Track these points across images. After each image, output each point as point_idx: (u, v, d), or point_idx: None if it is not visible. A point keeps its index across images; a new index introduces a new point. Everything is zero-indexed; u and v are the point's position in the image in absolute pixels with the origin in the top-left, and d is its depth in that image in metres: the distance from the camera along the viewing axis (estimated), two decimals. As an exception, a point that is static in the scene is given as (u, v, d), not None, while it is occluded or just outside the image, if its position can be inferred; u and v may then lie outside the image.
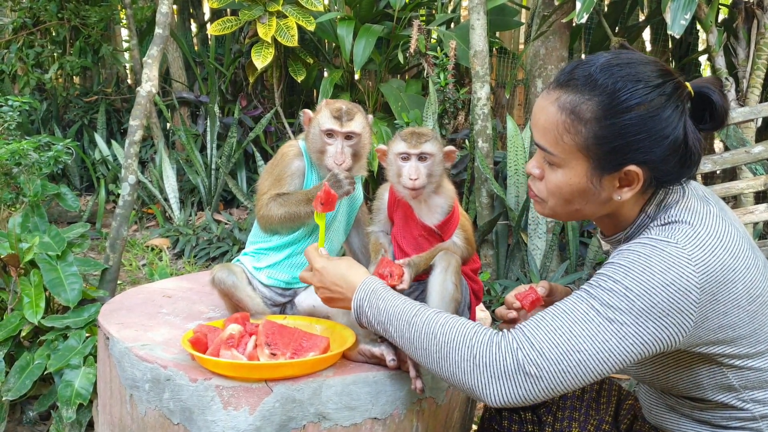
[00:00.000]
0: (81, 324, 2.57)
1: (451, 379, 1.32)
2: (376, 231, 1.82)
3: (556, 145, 1.31)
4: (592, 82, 1.27)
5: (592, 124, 1.26)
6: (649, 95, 1.24)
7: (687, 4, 3.35)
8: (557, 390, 1.25)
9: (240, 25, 5.24)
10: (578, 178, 1.32)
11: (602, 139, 1.26)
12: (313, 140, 1.83)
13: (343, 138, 1.80)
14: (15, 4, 6.35)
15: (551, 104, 1.31)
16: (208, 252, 4.72)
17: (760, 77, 3.86)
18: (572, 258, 3.84)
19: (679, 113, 1.26)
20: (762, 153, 3.26)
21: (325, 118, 1.80)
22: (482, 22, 3.98)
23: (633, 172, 1.28)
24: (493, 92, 5.69)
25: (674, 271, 1.21)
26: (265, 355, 1.52)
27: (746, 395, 1.35)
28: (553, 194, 1.37)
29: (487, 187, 3.99)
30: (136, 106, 3.15)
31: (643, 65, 1.28)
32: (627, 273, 1.23)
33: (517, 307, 1.59)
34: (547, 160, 1.35)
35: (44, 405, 2.55)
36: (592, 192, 1.33)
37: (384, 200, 1.82)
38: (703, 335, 1.27)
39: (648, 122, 1.24)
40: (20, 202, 3.21)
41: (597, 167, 1.29)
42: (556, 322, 1.26)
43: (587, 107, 1.27)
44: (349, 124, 1.79)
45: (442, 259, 1.68)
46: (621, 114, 1.25)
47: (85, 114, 6.78)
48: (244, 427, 1.48)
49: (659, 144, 1.25)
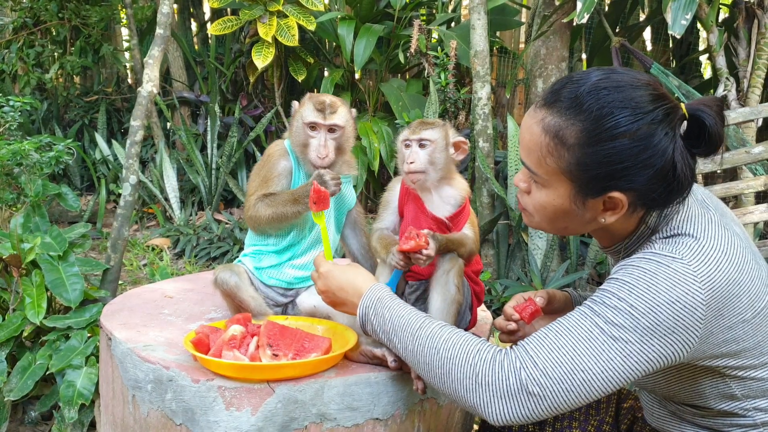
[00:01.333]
0: (83, 324, 2.58)
1: (453, 395, 1.30)
2: (381, 227, 1.78)
3: (539, 166, 1.30)
4: (578, 105, 1.23)
5: (575, 150, 1.24)
6: (636, 123, 1.20)
7: (688, 3, 3.35)
8: (561, 409, 1.24)
9: (240, 24, 5.24)
10: (561, 200, 1.30)
11: (585, 166, 1.24)
12: (297, 134, 1.82)
13: (327, 131, 1.79)
14: (15, 4, 6.35)
15: (536, 124, 1.29)
16: (208, 252, 4.72)
17: (760, 77, 3.86)
18: (573, 258, 3.84)
19: (669, 140, 1.22)
20: (762, 153, 3.27)
21: (308, 111, 1.80)
22: (483, 22, 3.98)
23: (617, 198, 1.26)
24: (494, 92, 5.69)
25: (680, 288, 1.19)
26: (267, 356, 1.52)
27: (748, 404, 1.34)
28: (538, 210, 1.36)
29: (487, 186, 4.00)
30: (137, 107, 3.16)
31: (633, 89, 1.23)
32: (631, 290, 1.21)
33: (516, 319, 1.58)
34: (532, 178, 1.34)
35: (46, 405, 2.56)
36: (575, 213, 1.31)
37: (395, 192, 1.80)
38: (708, 350, 1.26)
39: (633, 150, 1.21)
40: (21, 202, 3.22)
41: (580, 191, 1.28)
42: (559, 340, 1.24)
43: (571, 132, 1.24)
44: (332, 116, 1.79)
45: (445, 261, 1.68)
46: (604, 142, 1.21)
47: (85, 114, 6.78)
48: (246, 427, 1.48)
49: (644, 173, 1.22)
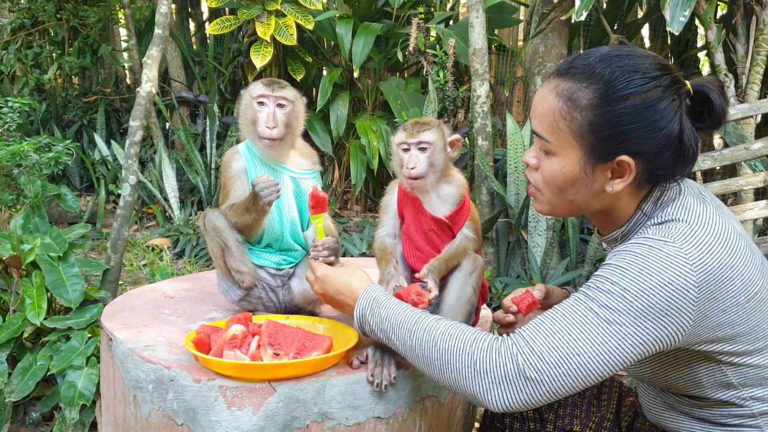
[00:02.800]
0: (83, 325, 2.58)
1: (453, 385, 1.32)
2: (382, 235, 1.78)
3: (551, 132, 1.33)
4: (590, 71, 1.29)
5: (588, 111, 1.28)
6: (645, 86, 1.25)
7: (686, 0, 3.35)
8: (559, 393, 1.26)
9: (239, 24, 5.24)
10: (571, 167, 1.33)
11: (596, 127, 1.28)
12: (245, 112, 1.84)
13: (275, 104, 1.80)
14: (13, 5, 6.35)
15: (550, 92, 1.33)
16: (208, 251, 4.71)
17: (759, 73, 3.86)
18: (572, 255, 3.85)
19: (674, 107, 1.27)
20: (761, 150, 3.27)
21: (256, 87, 1.82)
22: (481, 20, 3.98)
23: (625, 162, 1.29)
24: (493, 90, 5.69)
25: (672, 271, 1.22)
26: (269, 356, 1.53)
27: (745, 393, 1.35)
28: (548, 183, 1.37)
29: (487, 184, 4.00)
30: (136, 107, 3.15)
31: (641, 58, 1.29)
32: (624, 274, 1.24)
33: (514, 311, 1.60)
34: (543, 148, 1.36)
35: (47, 406, 2.56)
36: (584, 181, 1.33)
37: (393, 195, 1.79)
38: (702, 333, 1.27)
39: (643, 112, 1.26)
40: (21, 203, 3.21)
41: (590, 156, 1.30)
42: (554, 325, 1.26)
43: (584, 94, 1.28)
44: (281, 90, 1.81)
45: (468, 261, 1.68)
46: (616, 102, 1.26)
47: (84, 114, 6.78)
48: (247, 427, 1.49)
49: (653, 135, 1.26)
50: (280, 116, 1.80)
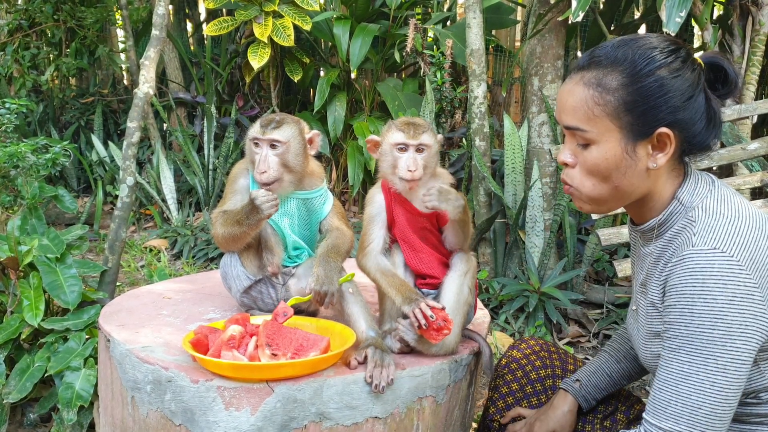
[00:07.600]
0: (81, 326, 2.58)
1: None
2: (374, 253, 1.73)
3: (587, 120, 1.34)
4: (612, 56, 1.33)
5: (619, 91, 1.31)
6: (667, 59, 1.31)
7: (682, 1, 3.36)
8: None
9: (236, 25, 5.25)
10: (613, 151, 1.34)
11: (631, 105, 1.31)
12: (247, 152, 1.84)
13: (268, 147, 1.77)
14: (10, 6, 6.34)
15: (576, 85, 1.36)
16: (206, 252, 4.72)
17: (755, 74, 3.87)
18: (570, 255, 3.85)
19: (696, 75, 1.32)
20: (758, 150, 3.28)
21: (253, 127, 1.81)
22: (478, 21, 3.98)
23: (664, 134, 1.32)
24: (490, 90, 5.70)
25: (731, 283, 1.23)
26: (266, 356, 1.53)
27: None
28: (591, 173, 1.38)
29: (484, 185, 4.00)
30: (134, 108, 3.15)
31: (653, 38, 1.35)
32: (692, 310, 1.25)
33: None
34: (580, 140, 1.37)
35: (45, 407, 2.56)
36: (627, 162, 1.35)
37: (378, 204, 1.76)
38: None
39: (671, 83, 1.30)
40: (18, 204, 3.21)
41: (630, 136, 1.33)
42: (663, 395, 1.29)
43: (612, 77, 1.32)
44: (273, 132, 1.76)
45: (462, 262, 1.68)
46: (644, 78, 1.30)
47: (81, 115, 6.77)
48: (245, 427, 1.49)
49: (684, 104, 1.31)
50: (272, 159, 1.76)
